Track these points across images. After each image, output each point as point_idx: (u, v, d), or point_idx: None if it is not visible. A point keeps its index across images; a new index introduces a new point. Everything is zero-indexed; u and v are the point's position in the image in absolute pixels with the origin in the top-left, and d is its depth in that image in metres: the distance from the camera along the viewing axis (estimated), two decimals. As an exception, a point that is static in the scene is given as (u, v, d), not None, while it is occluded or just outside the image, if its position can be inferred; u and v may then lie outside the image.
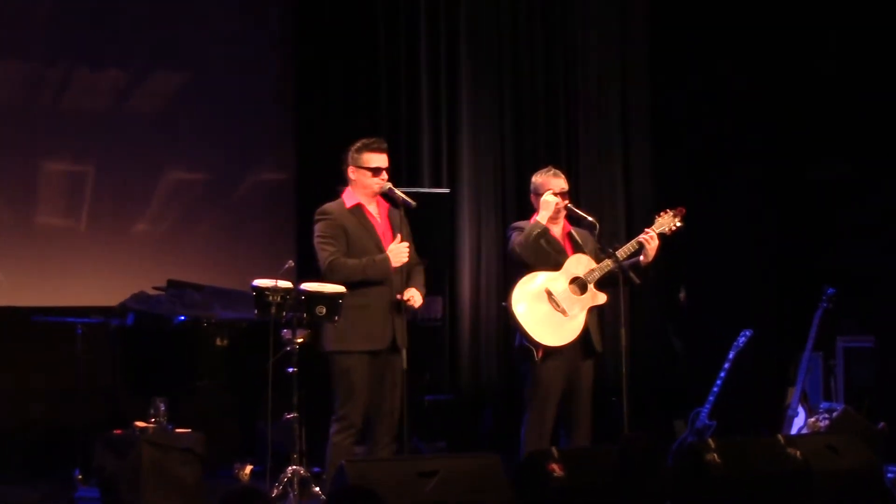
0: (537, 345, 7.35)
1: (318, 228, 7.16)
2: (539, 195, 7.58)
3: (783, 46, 10.73)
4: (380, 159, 7.21)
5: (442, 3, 10.88)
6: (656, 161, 11.26)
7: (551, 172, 7.64)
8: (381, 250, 7.12)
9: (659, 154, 11.25)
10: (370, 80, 10.67)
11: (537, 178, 7.65)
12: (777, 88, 10.78)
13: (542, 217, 7.47)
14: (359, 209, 7.20)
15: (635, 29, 11.34)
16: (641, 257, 7.52)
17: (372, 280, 7.07)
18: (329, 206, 7.22)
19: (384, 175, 7.21)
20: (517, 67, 11.09)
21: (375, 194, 7.26)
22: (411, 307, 7.18)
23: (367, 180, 7.20)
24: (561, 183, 7.60)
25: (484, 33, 10.97)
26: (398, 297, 7.13)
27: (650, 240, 7.48)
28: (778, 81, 10.77)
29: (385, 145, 7.29)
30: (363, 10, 10.67)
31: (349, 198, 7.23)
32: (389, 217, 7.28)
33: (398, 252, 7.10)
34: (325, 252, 7.07)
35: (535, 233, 7.41)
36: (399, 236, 7.14)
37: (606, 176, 11.19)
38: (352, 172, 7.21)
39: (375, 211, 7.26)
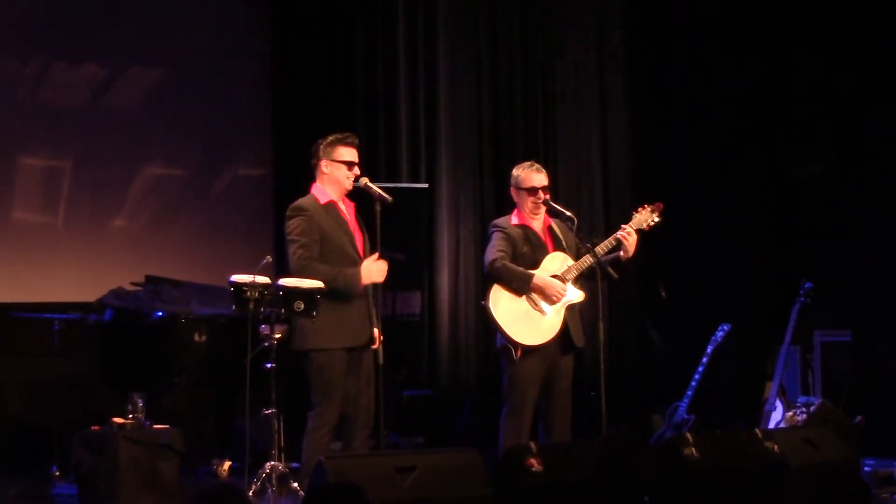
0: (516, 344, 7.34)
1: (291, 225, 7.04)
2: (519, 189, 7.57)
3: (763, 42, 10.74)
4: (353, 153, 7.15)
5: (420, -1, 10.90)
6: (635, 155, 11.27)
7: (534, 168, 7.60)
8: (356, 249, 7.09)
9: (637, 148, 11.26)
10: (348, 74, 10.66)
11: (518, 172, 7.61)
12: (756, 85, 10.79)
13: (535, 280, 7.37)
14: (332, 206, 7.11)
15: (613, 23, 11.34)
16: (621, 252, 7.52)
17: (338, 291, 6.95)
18: (304, 202, 7.10)
19: (356, 170, 7.17)
20: (495, 62, 11.08)
21: (347, 190, 7.19)
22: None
23: (340, 174, 7.12)
24: (542, 178, 7.56)
25: (462, 28, 10.97)
26: None
27: (628, 236, 7.48)
28: (757, 78, 10.79)
29: (356, 140, 7.23)
30: (340, 5, 10.66)
31: (321, 194, 7.13)
32: (355, 215, 7.25)
33: (371, 272, 7.02)
34: (297, 252, 6.97)
35: (515, 284, 7.37)
36: (377, 254, 7.08)
37: (585, 170, 11.20)
38: (325, 167, 7.11)
39: (345, 208, 7.19)
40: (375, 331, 7.16)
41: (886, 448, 8.59)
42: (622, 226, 7.55)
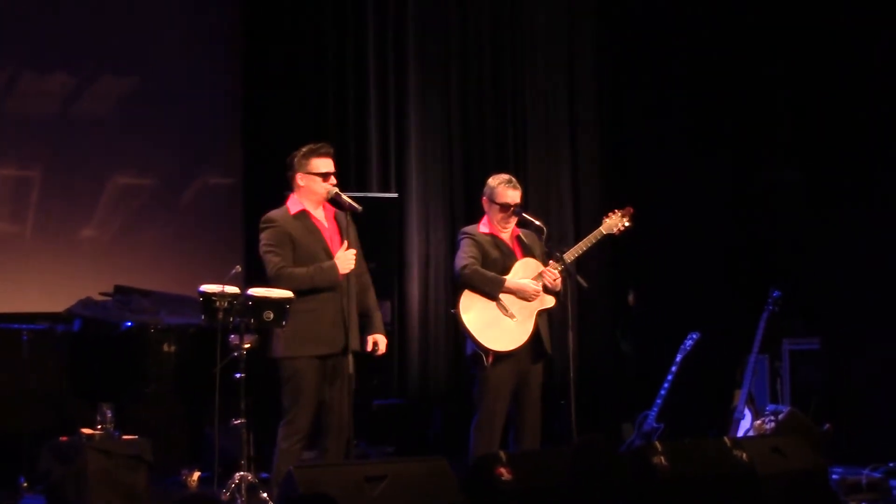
0: (487, 350, 7.34)
1: (263, 237, 7.09)
2: (492, 202, 7.54)
3: (735, 48, 10.78)
4: (328, 164, 7.18)
5: (391, 7, 10.89)
6: (605, 161, 11.30)
7: (511, 184, 7.53)
8: (329, 255, 7.10)
9: (607, 154, 11.29)
10: (318, 83, 10.66)
11: (493, 184, 7.56)
12: (728, 91, 10.83)
13: (508, 283, 7.40)
14: (304, 215, 7.14)
15: (583, 32, 11.39)
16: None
17: (320, 287, 7.05)
18: (273, 213, 7.15)
19: (332, 180, 7.19)
20: (465, 71, 11.11)
21: (323, 199, 7.23)
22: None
23: (316, 186, 7.15)
24: (516, 196, 7.52)
25: (432, 37, 10.99)
26: (370, 348, 7.22)
27: (552, 279, 7.44)
28: (729, 84, 10.83)
29: (331, 150, 7.26)
30: (311, 14, 10.67)
31: (294, 204, 7.17)
32: (336, 221, 7.25)
33: (345, 259, 7.07)
34: (271, 261, 7.02)
35: (487, 288, 7.38)
36: (346, 243, 7.12)
37: (554, 177, 11.23)
38: (300, 179, 7.14)
39: (322, 216, 7.21)
40: (379, 337, 7.28)
41: (855, 456, 8.61)
42: (547, 267, 7.51)
